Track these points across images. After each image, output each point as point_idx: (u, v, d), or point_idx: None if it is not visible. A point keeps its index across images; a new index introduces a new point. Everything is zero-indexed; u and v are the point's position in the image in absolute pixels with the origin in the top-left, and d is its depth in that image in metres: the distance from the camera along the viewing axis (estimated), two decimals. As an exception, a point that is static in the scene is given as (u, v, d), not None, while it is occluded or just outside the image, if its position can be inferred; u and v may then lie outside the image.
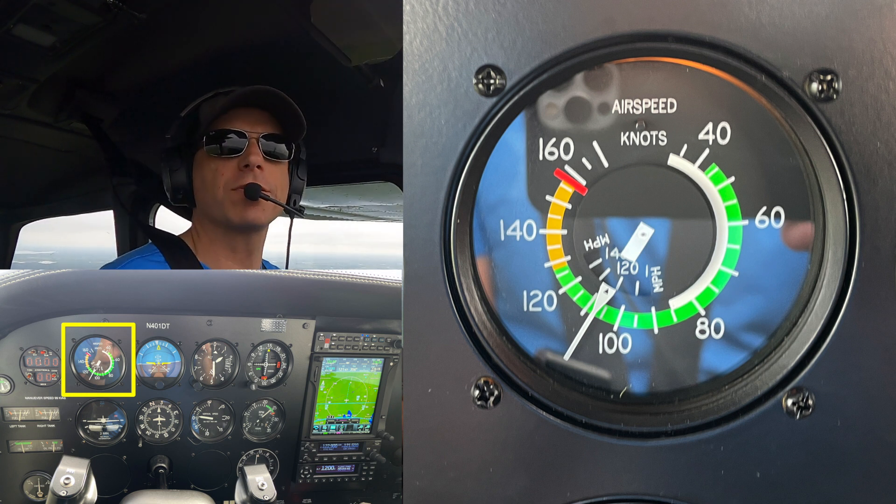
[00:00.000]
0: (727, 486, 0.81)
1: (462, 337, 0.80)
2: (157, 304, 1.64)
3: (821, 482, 0.80)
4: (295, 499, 1.89)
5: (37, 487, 1.59)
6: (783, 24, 0.75)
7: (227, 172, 1.71)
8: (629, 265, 0.84)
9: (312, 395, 1.82)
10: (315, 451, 1.86)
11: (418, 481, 0.82)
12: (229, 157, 1.71)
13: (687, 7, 0.76)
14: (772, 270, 0.83)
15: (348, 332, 1.83)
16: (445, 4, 0.76)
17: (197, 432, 1.72)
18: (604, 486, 0.81)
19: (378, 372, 1.89)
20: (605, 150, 0.82)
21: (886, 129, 0.76)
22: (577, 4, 0.76)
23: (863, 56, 0.75)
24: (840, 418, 0.79)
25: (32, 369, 1.55)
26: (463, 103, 0.77)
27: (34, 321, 1.54)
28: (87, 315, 1.58)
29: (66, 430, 1.60)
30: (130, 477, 1.66)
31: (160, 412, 1.67)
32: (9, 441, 1.56)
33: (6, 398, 1.53)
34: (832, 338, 0.79)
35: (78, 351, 1.58)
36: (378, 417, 1.91)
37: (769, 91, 0.77)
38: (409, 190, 0.78)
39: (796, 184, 0.81)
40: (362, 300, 1.83)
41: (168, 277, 1.66)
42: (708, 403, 0.82)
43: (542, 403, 0.81)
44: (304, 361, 1.79)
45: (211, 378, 1.71)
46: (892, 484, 0.80)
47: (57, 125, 2.38)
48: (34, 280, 1.47)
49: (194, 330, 1.68)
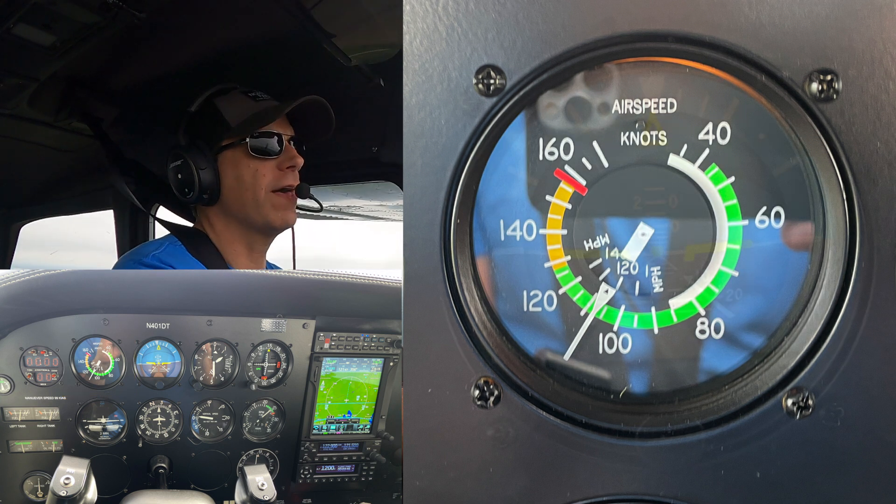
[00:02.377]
0: (727, 486, 0.81)
1: (462, 337, 0.80)
2: (157, 304, 1.64)
3: (821, 482, 0.80)
4: (295, 499, 1.89)
5: (37, 487, 1.59)
6: (783, 24, 0.75)
7: (269, 174, 1.73)
8: (629, 265, 0.84)
9: (312, 395, 1.82)
10: (315, 451, 1.86)
11: (418, 481, 0.82)
12: (267, 157, 1.74)
13: (687, 7, 0.76)
14: (772, 270, 0.83)
15: (348, 332, 1.83)
16: (445, 4, 0.76)
17: (197, 432, 1.72)
18: (604, 486, 0.81)
19: (378, 372, 1.89)
20: (605, 150, 0.82)
21: (886, 129, 0.76)
22: (577, 4, 0.76)
23: (863, 56, 0.75)
24: (840, 418, 0.79)
25: (32, 369, 1.54)
26: (463, 103, 0.77)
27: (34, 321, 1.54)
28: (87, 315, 1.58)
29: (66, 430, 1.60)
30: (130, 477, 1.66)
31: (160, 412, 1.67)
32: (9, 441, 1.56)
33: (6, 398, 1.53)
34: (832, 338, 0.79)
35: (78, 351, 1.58)
36: (378, 417, 1.91)
37: (769, 91, 0.77)
38: (409, 190, 0.78)
39: (796, 184, 0.81)
40: (362, 300, 1.83)
41: (168, 277, 1.66)
42: (708, 403, 0.82)
43: (542, 403, 0.81)
44: (304, 361, 1.79)
45: (211, 378, 1.70)
46: (893, 484, 0.80)
47: (57, 125, 2.38)
48: (34, 280, 1.47)
49: (194, 330, 1.67)
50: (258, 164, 1.73)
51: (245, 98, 1.80)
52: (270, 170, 1.74)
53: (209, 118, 1.78)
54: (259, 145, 1.73)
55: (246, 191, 1.74)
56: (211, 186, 1.75)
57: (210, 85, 1.84)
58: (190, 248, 1.75)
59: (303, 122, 1.82)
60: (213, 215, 1.82)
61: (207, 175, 1.74)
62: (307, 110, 1.79)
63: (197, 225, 1.86)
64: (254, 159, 1.73)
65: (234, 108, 1.77)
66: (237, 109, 1.77)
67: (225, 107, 1.78)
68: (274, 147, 1.74)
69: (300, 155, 1.80)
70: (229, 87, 1.82)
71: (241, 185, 1.74)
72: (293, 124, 1.82)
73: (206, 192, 1.75)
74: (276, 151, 1.74)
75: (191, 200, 1.78)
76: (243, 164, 1.73)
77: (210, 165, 1.74)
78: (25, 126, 2.36)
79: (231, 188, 1.75)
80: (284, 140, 1.76)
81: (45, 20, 1.73)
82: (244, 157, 1.73)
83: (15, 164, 2.80)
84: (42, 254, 3.20)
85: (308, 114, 1.79)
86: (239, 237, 1.80)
